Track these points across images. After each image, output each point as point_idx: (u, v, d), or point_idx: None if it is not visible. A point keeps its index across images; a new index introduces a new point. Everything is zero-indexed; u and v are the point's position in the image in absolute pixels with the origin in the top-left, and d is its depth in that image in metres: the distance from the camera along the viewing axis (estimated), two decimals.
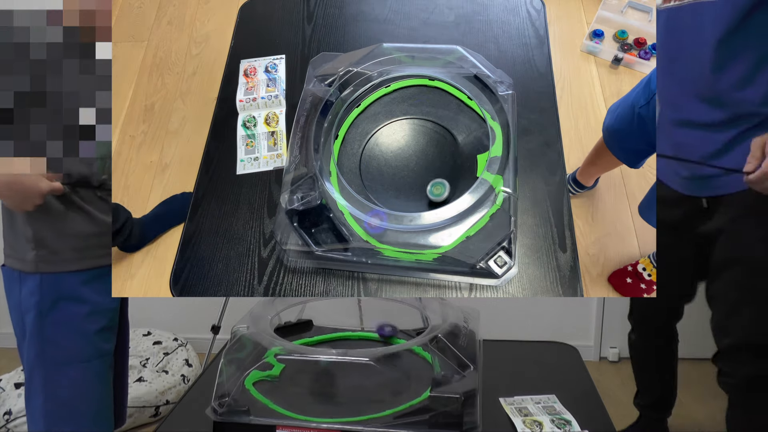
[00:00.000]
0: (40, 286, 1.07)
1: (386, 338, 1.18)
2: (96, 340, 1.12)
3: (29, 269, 1.07)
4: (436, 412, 0.87)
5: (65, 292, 1.08)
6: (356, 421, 0.89)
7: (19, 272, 1.09)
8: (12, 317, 1.12)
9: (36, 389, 1.09)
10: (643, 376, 1.69)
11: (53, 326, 1.08)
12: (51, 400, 1.08)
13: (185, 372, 2.13)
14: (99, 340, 1.12)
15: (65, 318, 1.08)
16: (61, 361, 1.09)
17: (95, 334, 1.11)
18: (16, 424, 1.85)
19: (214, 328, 2.03)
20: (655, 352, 1.62)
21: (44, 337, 1.08)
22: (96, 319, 1.11)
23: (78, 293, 1.09)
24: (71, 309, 1.09)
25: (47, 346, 1.08)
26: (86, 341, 1.10)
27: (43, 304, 1.07)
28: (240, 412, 0.91)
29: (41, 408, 1.09)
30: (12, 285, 1.11)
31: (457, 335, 1.00)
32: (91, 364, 1.11)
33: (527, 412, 0.99)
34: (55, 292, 1.08)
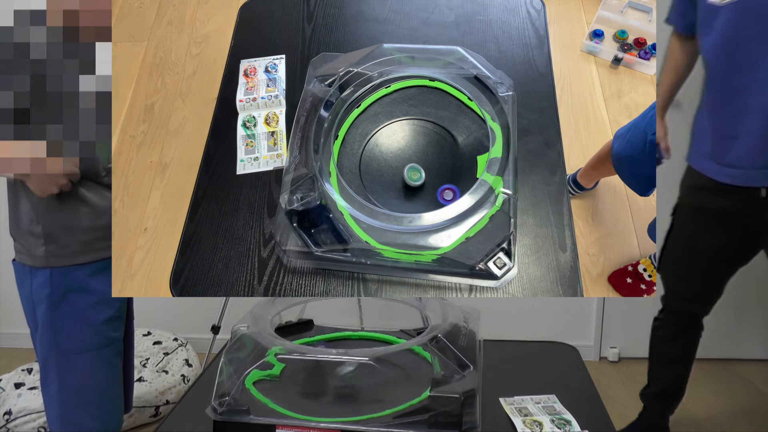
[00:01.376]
0: (50, 279, 1.12)
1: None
2: (104, 329, 1.17)
3: (40, 264, 1.12)
4: (435, 412, 0.87)
5: (74, 284, 1.13)
6: (356, 421, 0.89)
7: (30, 267, 1.13)
8: (25, 310, 1.17)
9: (51, 377, 1.15)
10: (659, 364, 1.68)
11: (64, 317, 1.13)
12: (65, 388, 1.14)
13: (185, 372, 2.13)
14: (107, 329, 1.17)
15: (75, 309, 1.14)
16: (72, 350, 1.14)
17: (103, 323, 1.16)
18: (16, 424, 1.85)
19: (214, 328, 2.03)
20: (678, 339, 1.61)
21: (56, 328, 1.13)
22: (103, 309, 1.16)
23: (86, 285, 1.14)
24: (80, 300, 1.14)
25: (59, 336, 1.13)
26: (95, 330, 1.16)
27: (54, 297, 1.12)
28: (240, 412, 0.91)
29: (57, 395, 1.14)
30: (23, 279, 1.15)
31: (457, 335, 1.00)
32: (100, 352, 1.16)
33: (527, 412, 0.99)
34: (65, 285, 1.12)
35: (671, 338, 1.62)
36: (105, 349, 1.17)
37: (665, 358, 1.65)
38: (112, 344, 1.19)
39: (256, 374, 0.99)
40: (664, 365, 1.66)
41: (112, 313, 1.18)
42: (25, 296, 1.16)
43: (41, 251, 1.12)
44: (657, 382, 1.68)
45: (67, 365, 1.14)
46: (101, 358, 1.17)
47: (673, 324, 1.59)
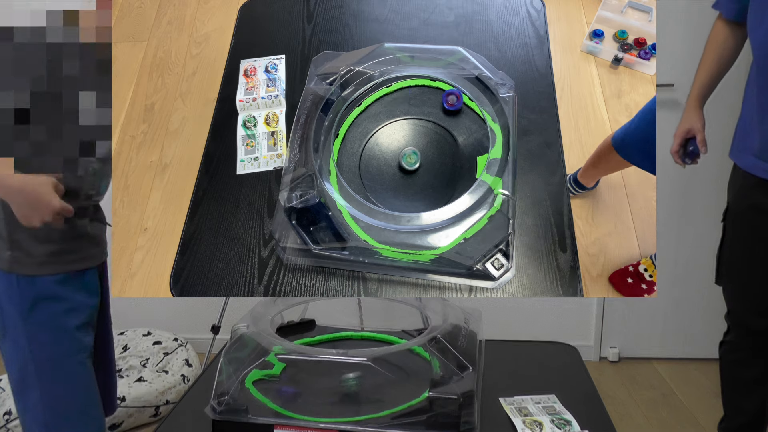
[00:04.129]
0: (17, 286, 1.08)
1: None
2: (78, 335, 1.14)
3: (4, 268, 1.08)
4: (434, 412, 0.87)
5: (42, 292, 1.10)
6: (354, 422, 0.89)
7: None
8: None
9: (31, 384, 1.11)
10: (736, 393, 1.47)
11: (36, 326, 1.10)
12: (47, 394, 1.11)
13: (185, 372, 2.13)
14: (80, 335, 1.14)
15: (46, 317, 1.10)
16: (49, 357, 1.11)
17: (76, 329, 1.13)
18: (16, 424, 1.85)
19: (214, 328, 2.03)
20: (755, 360, 1.41)
21: (29, 337, 1.09)
22: (75, 315, 1.14)
23: (54, 292, 1.11)
24: (50, 308, 1.10)
25: (34, 345, 1.10)
26: (69, 337, 1.12)
27: (23, 306, 1.09)
28: (239, 411, 0.91)
29: (39, 401, 1.11)
30: None
31: (457, 336, 1.00)
32: (76, 357, 1.13)
33: (527, 412, 0.99)
34: (33, 293, 1.09)
35: (746, 362, 1.42)
36: (81, 354, 1.14)
37: (742, 385, 1.45)
38: (85, 349, 1.16)
39: (256, 374, 0.99)
40: (743, 394, 1.45)
41: (84, 319, 1.15)
42: None
43: (6, 255, 1.07)
44: (737, 413, 1.48)
45: (47, 372, 1.11)
46: (78, 363, 1.14)
47: (746, 344, 1.41)
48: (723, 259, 1.40)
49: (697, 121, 1.34)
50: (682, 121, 1.37)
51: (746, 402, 1.45)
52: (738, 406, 1.47)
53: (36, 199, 0.97)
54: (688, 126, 1.36)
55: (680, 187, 2.11)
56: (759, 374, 1.42)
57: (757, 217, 1.30)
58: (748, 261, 1.34)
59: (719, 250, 1.41)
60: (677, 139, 1.38)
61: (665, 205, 2.11)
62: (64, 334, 1.12)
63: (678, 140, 1.37)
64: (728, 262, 1.38)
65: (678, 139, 1.37)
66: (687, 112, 1.37)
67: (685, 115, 1.37)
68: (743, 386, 1.45)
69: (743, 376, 1.44)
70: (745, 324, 1.39)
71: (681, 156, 1.38)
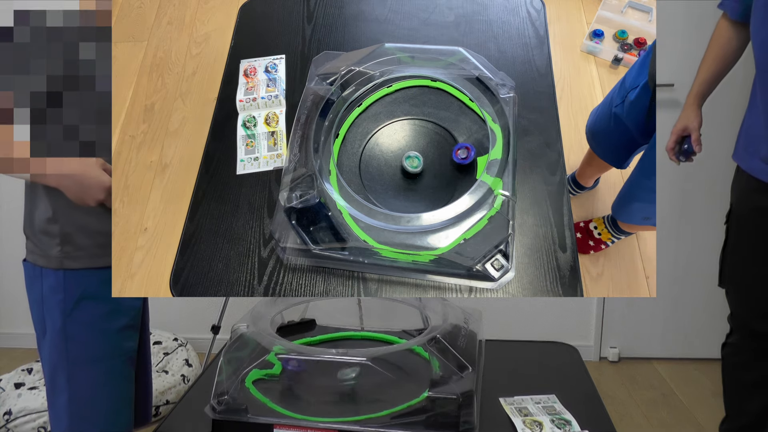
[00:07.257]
0: (63, 283, 1.08)
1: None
2: (118, 339, 1.12)
3: (53, 265, 1.08)
4: (433, 412, 0.87)
5: (88, 290, 1.09)
6: (353, 421, 0.89)
7: (41, 268, 1.09)
8: (32, 313, 1.12)
9: (61, 387, 1.10)
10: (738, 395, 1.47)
11: (76, 325, 1.08)
12: (75, 398, 1.09)
13: (185, 372, 2.13)
14: (121, 339, 1.13)
15: (88, 317, 1.09)
16: (84, 360, 1.09)
17: (117, 332, 1.12)
18: (16, 424, 1.85)
19: (214, 328, 2.03)
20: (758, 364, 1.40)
21: (68, 336, 1.08)
22: (117, 317, 1.12)
23: (99, 292, 1.10)
24: (93, 308, 1.09)
25: (71, 344, 1.09)
26: (108, 339, 1.11)
27: (66, 303, 1.08)
28: (238, 411, 0.91)
29: (66, 406, 1.09)
30: (33, 281, 1.11)
31: (457, 336, 1.00)
32: (113, 362, 1.12)
33: (527, 412, 0.99)
34: (79, 291, 1.08)
35: (749, 364, 1.42)
36: (118, 359, 1.12)
37: (744, 387, 1.45)
38: (125, 354, 1.14)
39: (255, 373, 0.99)
40: (745, 396, 1.45)
41: (126, 321, 1.13)
42: (35, 300, 1.11)
43: (56, 251, 1.07)
44: (739, 415, 1.47)
45: (78, 375, 1.09)
46: (114, 369, 1.12)
47: (749, 347, 1.40)
48: (726, 262, 1.39)
49: (694, 119, 1.34)
50: (680, 119, 1.37)
51: (748, 404, 1.44)
52: (740, 408, 1.47)
53: (89, 179, 1.01)
54: (685, 124, 1.36)
55: (680, 188, 2.11)
56: (761, 377, 1.41)
57: (761, 220, 1.29)
58: (751, 264, 1.33)
59: (722, 252, 1.40)
60: (673, 136, 1.37)
61: (665, 205, 2.11)
62: (104, 336, 1.10)
63: (674, 137, 1.37)
64: (731, 264, 1.37)
65: (674, 137, 1.37)
66: (685, 110, 1.37)
67: (683, 113, 1.37)
68: (745, 389, 1.44)
69: (746, 379, 1.43)
70: (749, 327, 1.38)
71: (676, 153, 1.38)
